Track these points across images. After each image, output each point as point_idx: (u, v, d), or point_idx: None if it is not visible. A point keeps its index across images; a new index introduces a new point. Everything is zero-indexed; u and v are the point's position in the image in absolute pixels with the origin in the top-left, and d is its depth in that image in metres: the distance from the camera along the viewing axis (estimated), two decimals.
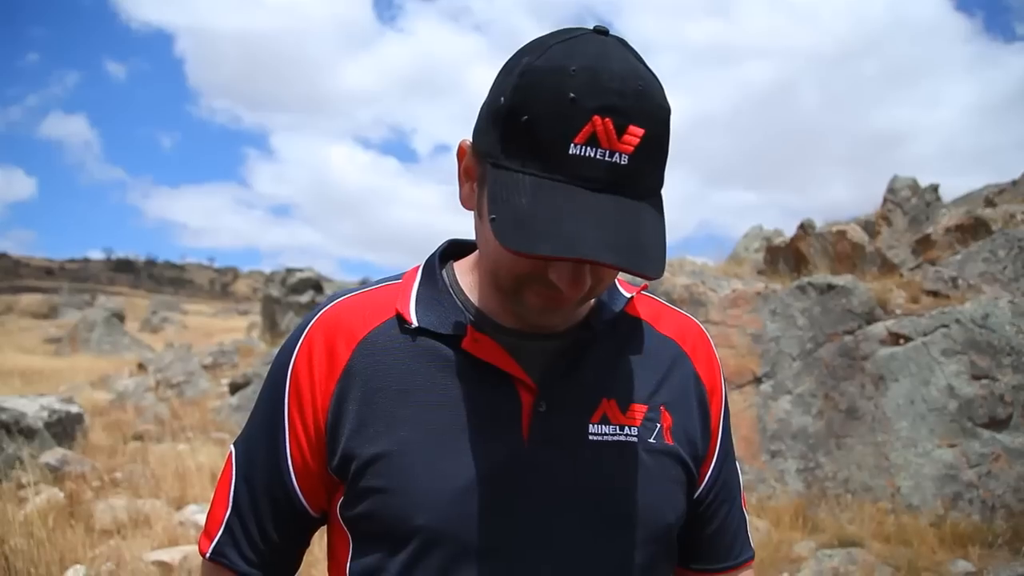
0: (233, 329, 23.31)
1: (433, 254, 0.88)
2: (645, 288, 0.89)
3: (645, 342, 0.86)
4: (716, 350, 0.92)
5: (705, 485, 0.87)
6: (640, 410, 0.82)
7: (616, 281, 0.85)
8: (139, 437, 7.32)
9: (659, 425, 0.82)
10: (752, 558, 0.92)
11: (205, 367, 11.59)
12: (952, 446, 4.99)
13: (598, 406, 0.80)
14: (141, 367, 12.70)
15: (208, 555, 0.84)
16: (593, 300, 0.82)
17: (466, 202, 0.78)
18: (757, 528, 4.50)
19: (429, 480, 0.76)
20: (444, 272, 0.86)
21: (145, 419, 8.32)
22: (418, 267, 0.88)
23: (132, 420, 8.31)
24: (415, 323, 0.80)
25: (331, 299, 0.86)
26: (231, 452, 0.87)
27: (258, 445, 0.84)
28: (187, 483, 5.59)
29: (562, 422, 0.79)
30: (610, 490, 0.78)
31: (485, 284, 0.82)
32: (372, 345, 0.80)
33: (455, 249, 0.90)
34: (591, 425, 0.79)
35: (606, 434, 0.79)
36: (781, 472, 5.35)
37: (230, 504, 0.84)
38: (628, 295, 0.86)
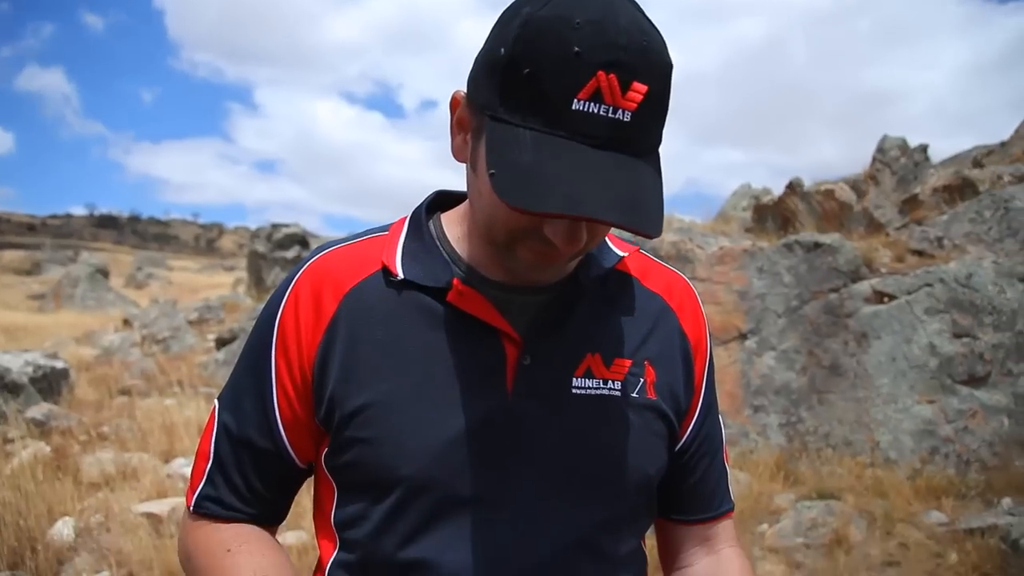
0: (219, 285, 23.20)
1: (420, 205, 0.87)
2: (639, 249, 0.89)
3: (632, 297, 0.86)
4: (702, 306, 0.92)
5: (687, 439, 0.88)
6: (624, 365, 0.82)
7: (606, 237, 0.85)
8: (125, 392, 7.33)
9: (642, 380, 0.82)
10: (731, 509, 0.94)
11: (191, 323, 11.56)
12: (931, 402, 5.09)
13: (582, 360, 0.80)
14: (126, 323, 12.64)
15: (191, 506, 0.85)
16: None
17: (458, 154, 0.77)
18: (739, 480, 4.59)
19: (413, 431, 0.76)
20: (431, 224, 0.85)
21: (131, 374, 8.31)
22: (405, 218, 0.87)
23: (118, 375, 8.30)
24: (401, 275, 0.80)
25: (318, 251, 0.85)
26: (214, 407, 0.86)
27: (244, 396, 0.83)
28: (174, 437, 5.62)
29: (546, 375, 0.79)
30: (592, 443, 0.79)
31: (475, 237, 0.81)
32: (358, 297, 0.80)
33: (442, 200, 0.89)
34: (574, 379, 0.79)
35: (589, 388, 0.80)
36: (764, 426, 5.44)
37: (211, 456, 0.84)
38: (621, 253, 0.86)
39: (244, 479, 0.82)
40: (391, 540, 0.77)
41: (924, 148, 8.26)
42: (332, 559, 0.82)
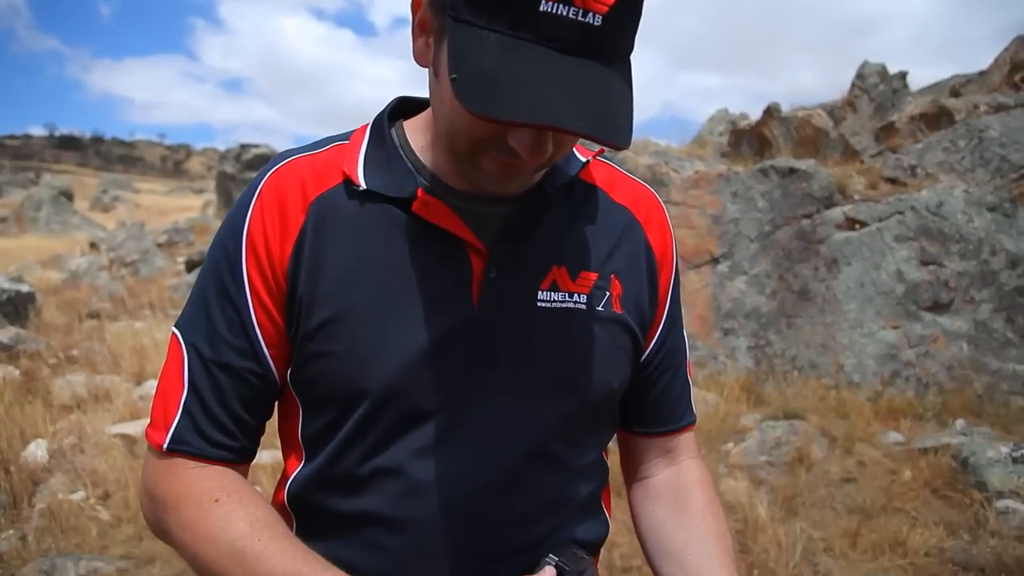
0: (188, 208, 22.74)
1: (381, 112, 0.83)
2: (602, 152, 0.86)
3: (598, 209, 0.84)
4: (676, 231, 0.91)
5: (650, 352, 0.87)
6: (590, 278, 0.81)
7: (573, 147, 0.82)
8: (94, 316, 7.25)
9: (608, 293, 0.81)
10: (693, 423, 0.95)
11: (160, 245, 11.37)
12: (895, 328, 5.22)
13: (548, 273, 0.79)
14: (93, 246, 12.39)
15: (166, 445, 0.76)
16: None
17: (420, 58, 0.73)
18: (707, 401, 4.71)
19: (377, 344, 0.74)
20: (393, 132, 0.82)
21: (100, 298, 8.21)
22: (366, 126, 0.83)
23: (86, 299, 8.19)
24: (363, 186, 0.77)
25: (279, 159, 0.81)
26: (174, 335, 0.79)
27: (215, 316, 0.77)
28: (145, 359, 5.60)
29: (511, 289, 0.77)
30: (556, 356, 0.78)
31: (438, 145, 0.78)
32: (323, 208, 0.77)
33: (405, 107, 0.85)
34: (540, 292, 0.78)
35: (555, 301, 0.79)
36: (732, 349, 5.56)
37: (185, 385, 0.76)
38: (584, 159, 0.83)
39: (226, 408, 0.76)
40: (357, 452, 0.76)
41: (903, 76, 8.19)
42: (296, 473, 0.81)
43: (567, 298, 0.79)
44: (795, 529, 3.30)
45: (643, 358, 0.87)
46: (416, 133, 0.81)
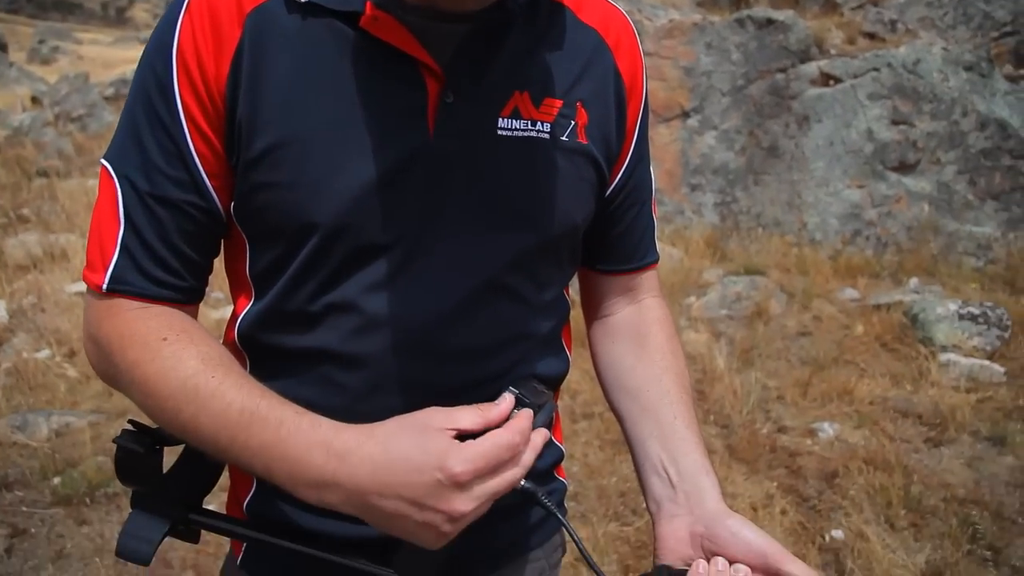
0: (134, 60, 21.25)
1: None
2: None
3: (565, 31, 0.76)
4: (647, 82, 0.84)
5: (615, 186, 0.83)
6: (554, 105, 0.74)
7: None
8: (44, 174, 6.96)
9: (573, 122, 0.75)
10: (656, 261, 0.92)
11: (107, 99, 10.76)
12: (860, 187, 5.25)
13: (509, 98, 0.72)
14: (35, 101, 11.70)
15: (105, 286, 0.70)
16: None
17: None
18: (671, 256, 4.77)
19: (326, 173, 0.68)
20: None
21: (47, 155, 7.85)
22: None
23: (33, 157, 7.82)
24: None
25: None
26: (104, 168, 0.71)
27: (148, 144, 0.69)
28: None
29: (470, 114, 0.71)
30: (517, 187, 0.73)
31: None
32: (260, 22, 0.68)
33: None
34: (501, 119, 0.72)
35: (516, 129, 0.72)
36: (699, 205, 5.57)
37: (121, 220, 0.69)
38: None
39: (168, 244, 0.70)
40: (308, 289, 0.72)
41: None
42: (246, 311, 0.77)
43: (529, 126, 0.73)
44: (750, 379, 3.45)
45: (608, 193, 0.83)
46: None
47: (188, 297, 0.74)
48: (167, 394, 0.67)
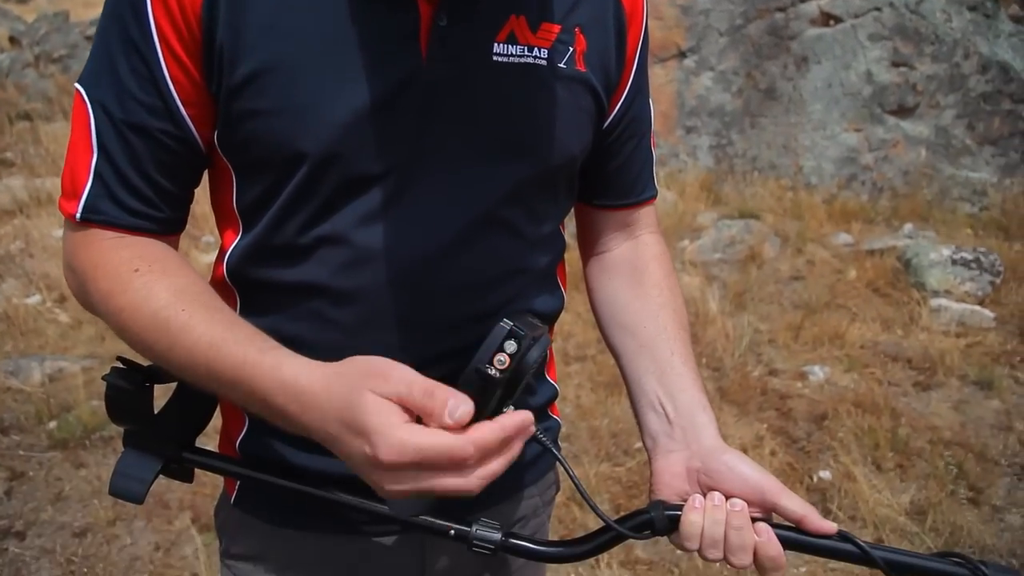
0: None
1: None
2: None
3: None
4: (648, 11, 0.80)
5: (614, 117, 0.80)
6: (552, 30, 0.71)
7: None
8: (26, 117, 6.82)
9: (572, 49, 0.72)
10: (654, 196, 0.90)
11: (89, 39, 10.47)
12: (858, 130, 5.18)
13: (505, 22, 0.69)
14: (13, 41, 11.35)
15: (79, 215, 0.68)
16: None
17: None
18: (665, 199, 4.74)
19: (315, 100, 0.65)
20: None
21: (29, 98, 7.68)
22: None
23: (15, 99, 7.65)
24: None
25: None
26: (78, 92, 0.68)
27: (121, 69, 0.66)
28: None
29: (464, 39, 0.68)
30: (513, 116, 0.71)
31: None
32: None
33: None
34: (496, 44, 0.69)
35: (512, 55, 0.69)
36: (694, 148, 5.50)
37: (94, 148, 0.67)
38: None
39: (142, 174, 0.68)
40: (297, 221, 0.70)
41: None
42: (234, 245, 0.74)
43: (526, 52, 0.70)
44: (743, 322, 3.46)
45: (606, 124, 0.80)
46: None
47: (165, 228, 0.72)
48: (140, 327, 0.66)
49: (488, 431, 0.56)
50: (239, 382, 0.62)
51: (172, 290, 0.66)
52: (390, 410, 0.55)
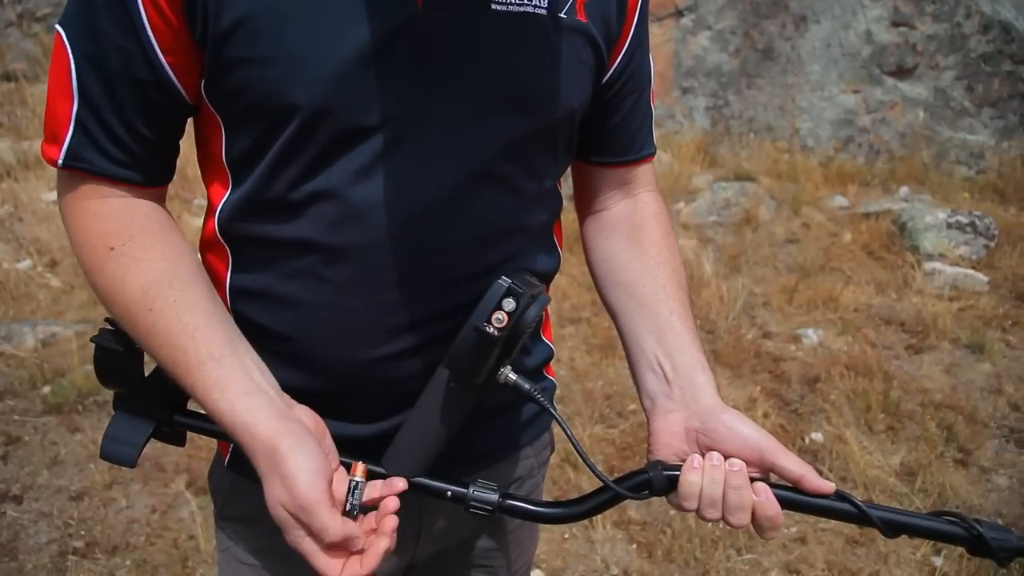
0: None
1: None
2: None
3: None
4: None
5: (614, 71, 0.78)
6: None
7: None
8: (10, 78, 6.69)
9: None
10: (653, 153, 0.88)
11: None
12: (856, 92, 5.13)
13: None
14: None
15: (61, 161, 0.66)
16: None
17: None
18: (660, 161, 4.70)
19: (306, 47, 0.63)
20: None
21: (14, 58, 7.52)
22: None
23: None
24: None
25: None
26: (59, 34, 0.66)
27: (99, 15, 0.63)
28: None
29: None
30: (512, 67, 0.68)
31: None
32: None
33: None
34: None
35: (512, 3, 0.67)
36: (690, 109, 5.44)
37: (75, 94, 0.65)
38: None
39: (124, 123, 0.66)
40: (288, 175, 0.68)
41: None
42: (224, 201, 0.72)
43: (526, 2, 0.67)
44: (737, 285, 3.46)
45: (606, 78, 0.77)
46: None
47: (150, 178, 0.71)
48: (115, 313, 0.68)
49: (350, 526, 0.63)
50: (203, 390, 0.65)
51: (140, 285, 0.67)
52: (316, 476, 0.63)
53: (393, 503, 0.65)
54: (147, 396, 0.74)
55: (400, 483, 0.66)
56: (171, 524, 2.15)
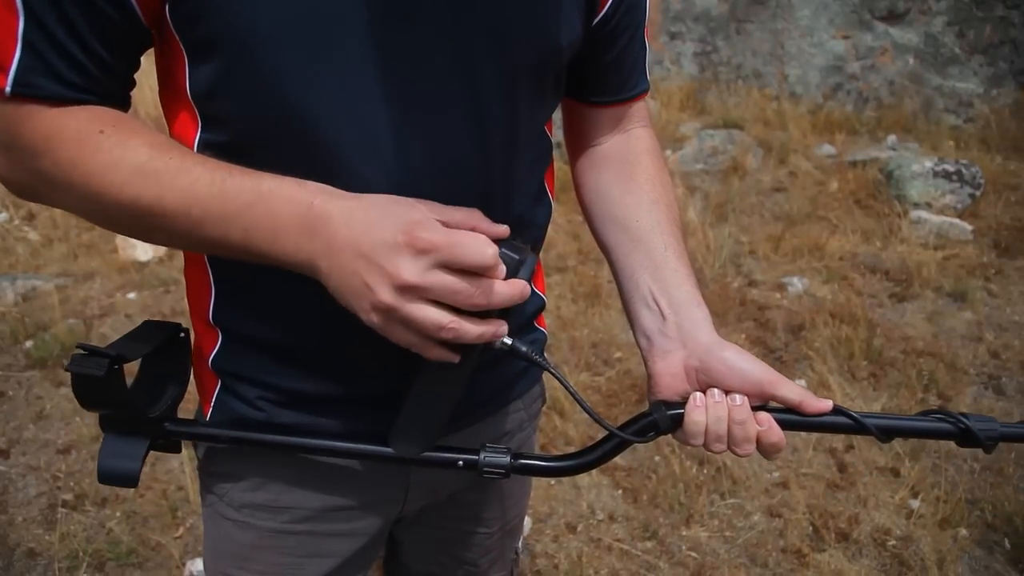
0: None
1: None
2: None
3: None
4: None
5: (607, 9, 0.74)
6: None
7: None
8: None
9: None
10: (647, 90, 0.85)
11: None
12: (846, 38, 5.06)
13: None
14: None
15: (8, 88, 0.58)
16: None
17: None
18: (648, 107, 4.65)
19: None
20: None
21: None
22: None
23: None
24: None
25: None
26: None
27: None
28: None
29: None
30: (498, 7, 0.64)
31: None
32: None
33: None
34: None
35: None
36: (678, 55, 5.35)
37: (20, 10, 0.56)
38: None
39: (78, 42, 0.58)
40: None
41: None
42: (196, 142, 0.66)
43: None
44: (723, 233, 3.46)
45: (602, 14, 0.74)
46: None
47: (110, 104, 0.63)
48: (120, 183, 0.60)
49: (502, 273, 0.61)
50: (252, 204, 0.59)
51: (148, 145, 0.60)
52: (433, 217, 0.60)
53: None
54: (134, 413, 0.71)
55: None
56: (160, 475, 2.16)
